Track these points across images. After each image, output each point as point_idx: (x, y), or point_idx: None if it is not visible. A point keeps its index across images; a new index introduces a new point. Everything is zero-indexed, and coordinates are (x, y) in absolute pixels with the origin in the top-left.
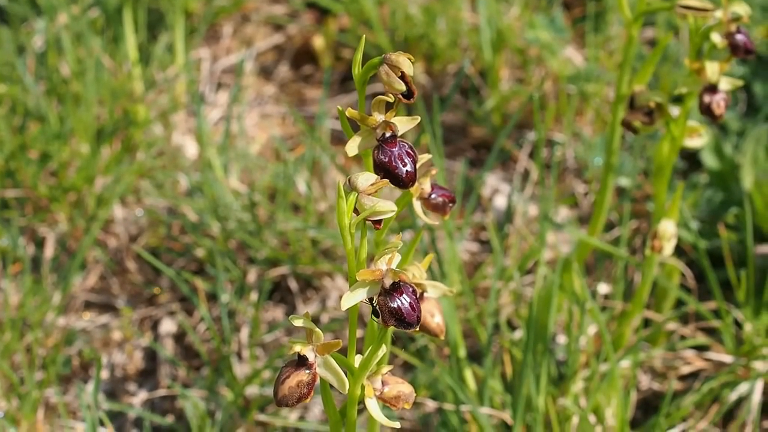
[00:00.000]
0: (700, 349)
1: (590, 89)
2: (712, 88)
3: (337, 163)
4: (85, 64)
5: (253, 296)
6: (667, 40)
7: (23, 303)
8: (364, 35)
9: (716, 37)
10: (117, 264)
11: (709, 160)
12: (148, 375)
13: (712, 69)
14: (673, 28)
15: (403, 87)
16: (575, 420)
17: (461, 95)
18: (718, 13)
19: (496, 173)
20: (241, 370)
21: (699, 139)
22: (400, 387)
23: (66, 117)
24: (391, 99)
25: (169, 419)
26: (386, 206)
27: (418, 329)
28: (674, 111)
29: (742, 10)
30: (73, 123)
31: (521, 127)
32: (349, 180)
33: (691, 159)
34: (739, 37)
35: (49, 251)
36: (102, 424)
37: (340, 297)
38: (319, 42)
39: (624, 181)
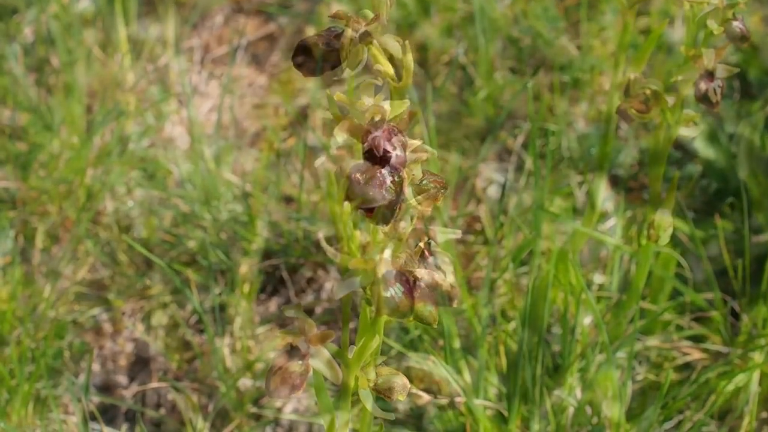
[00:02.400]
0: (697, 339)
1: (584, 78)
2: (709, 75)
3: (330, 154)
4: (76, 54)
5: (246, 288)
6: (662, 29)
7: (13, 295)
8: None
9: (713, 25)
10: (108, 256)
11: (704, 149)
12: (139, 367)
13: (708, 56)
14: (668, 17)
15: (391, 70)
16: (571, 411)
17: (454, 85)
18: (715, 0)
19: (490, 163)
20: (233, 362)
21: (694, 127)
22: (394, 378)
23: (56, 108)
24: (380, 82)
25: (161, 412)
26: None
27: (412, 318)
28: (669, 100)
29: None
30: (64, 114)
31: (515, 117)
32: (340, 167)
33: (685, 148)
34: (736, 24)
35: (39, 243)
36: (93, 417)
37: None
38: (311, 31)
39: (619, 171)
